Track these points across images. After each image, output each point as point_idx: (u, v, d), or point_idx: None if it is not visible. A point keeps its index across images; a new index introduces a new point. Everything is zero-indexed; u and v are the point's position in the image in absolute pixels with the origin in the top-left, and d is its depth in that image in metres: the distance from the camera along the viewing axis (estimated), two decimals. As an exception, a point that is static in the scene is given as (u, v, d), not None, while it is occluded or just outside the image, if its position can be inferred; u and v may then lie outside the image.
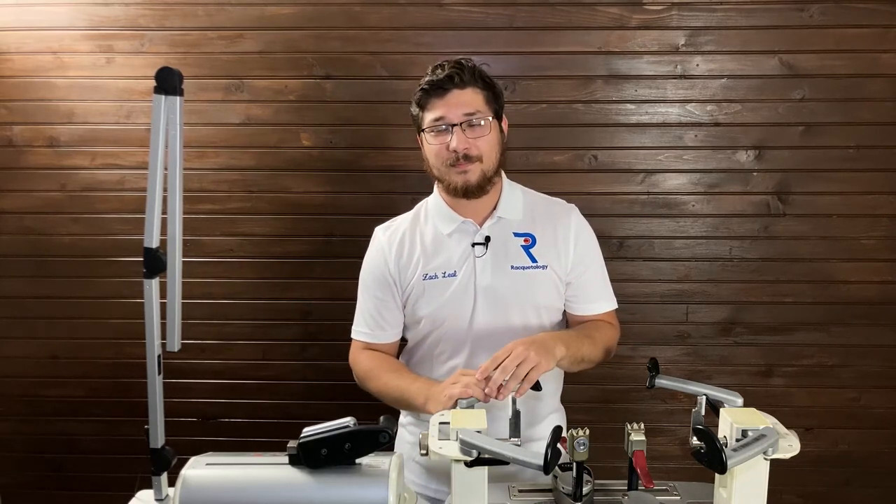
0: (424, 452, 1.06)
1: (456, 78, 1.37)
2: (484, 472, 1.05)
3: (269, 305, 2.26)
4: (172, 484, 1.00)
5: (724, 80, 2.09)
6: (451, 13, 2.08)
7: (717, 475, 1.07)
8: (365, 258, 1.53)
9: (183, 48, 2.12)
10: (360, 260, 1.54)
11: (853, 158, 2.12)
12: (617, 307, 1.54)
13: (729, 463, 0.95)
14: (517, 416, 1.13)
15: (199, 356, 2.27)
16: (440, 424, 1.09)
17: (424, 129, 1.41)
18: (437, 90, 1.38)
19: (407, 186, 2.13)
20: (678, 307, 2.22)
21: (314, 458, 0.98)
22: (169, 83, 1.03)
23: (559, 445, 0.97)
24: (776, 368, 2.24)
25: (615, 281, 1.55)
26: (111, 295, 2.25)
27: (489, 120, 1.39)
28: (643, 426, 1.12)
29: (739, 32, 2.07)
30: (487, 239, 1.44)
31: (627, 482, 1.17)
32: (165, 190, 1.06)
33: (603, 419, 2.02)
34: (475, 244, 1.44)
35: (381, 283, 1.49)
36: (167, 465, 1.11)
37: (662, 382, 1.23)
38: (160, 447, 1.10)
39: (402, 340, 1.56)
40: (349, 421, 0.99)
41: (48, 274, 2.26)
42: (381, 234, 1.53)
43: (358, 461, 1.00)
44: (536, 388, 1.24)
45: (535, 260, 1.44)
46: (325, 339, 2.25)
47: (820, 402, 2.26)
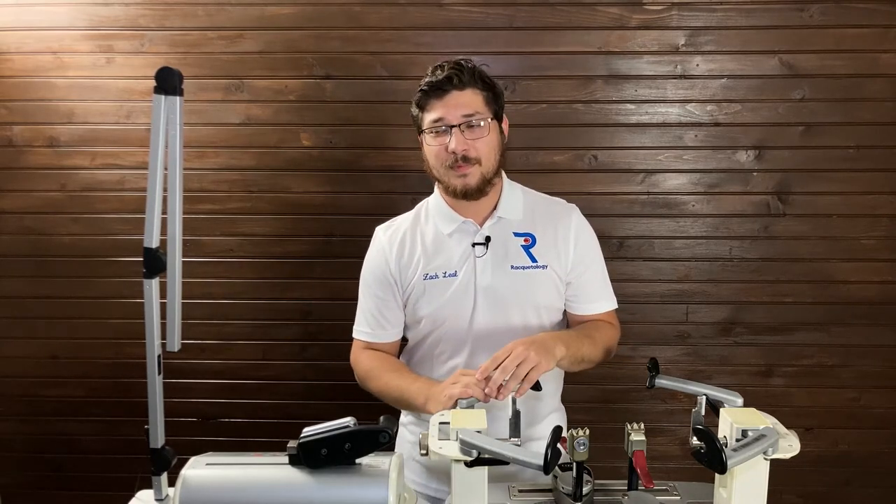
0: (424, 452, 1.06)
1: (455, 79, 1.37)
2: (484, 472, 1.05)
3: (269, 305, 2.26)
4: (172, 484, 1.00)
5: (724, 80, 2.10)
6: (451, 13, 2.08)
7: (717, 475, 1.07)
8: (366, 258, 1.53)
9: (183, 48, 2.12)
10: (360, 260, 1.54)
11: (853, 158, 2.12)
12: (617, 307, 1.54)
13: (729, 463, 0.95)
14: (517, 416, 1.14)
15: (199, 356, 2.27)
16: (440, 424, 1.09)
17: (424, 130, 1.41)
18: (436, 91, 1.38)
19: (407, 186, 2.14)
20: (678, 307, 2.22)
21: (314, 458, 0.98)
22: (169, 83, 1.03)
23: (559, 445, 0.98)
24: (776, 368, 2.24)
25: (615, 281, 1.55)
26: (111, 295, 2.25)
27: (488, 121, 1.39)
28: (643, 426, 1.12)
29: (739, 32, 2.07)
30: (488, 239, 1.44)
31: (627, 482, 1.17)
32: (165, 190, 1.06)
33: (603, 419, 2.02)
34: (475, 244, 1.44)
35: (381, 282, 1.49)
36: (167, 465, 1.11)
37: (662, 382, 1.23)
38: (160, 447, 1.10)
39: (402, 340, 1.56)
40: (349, 421, 0.99)
41: (48, 274, 2.26)
42: (381, 233, 1.53)
43: (358, 461, 1.00)
44: (536, 388, 1.24)
45: (535, 260, 1.44)
46: (325, 339, 2.25)
47: (820, 402, 2.26)
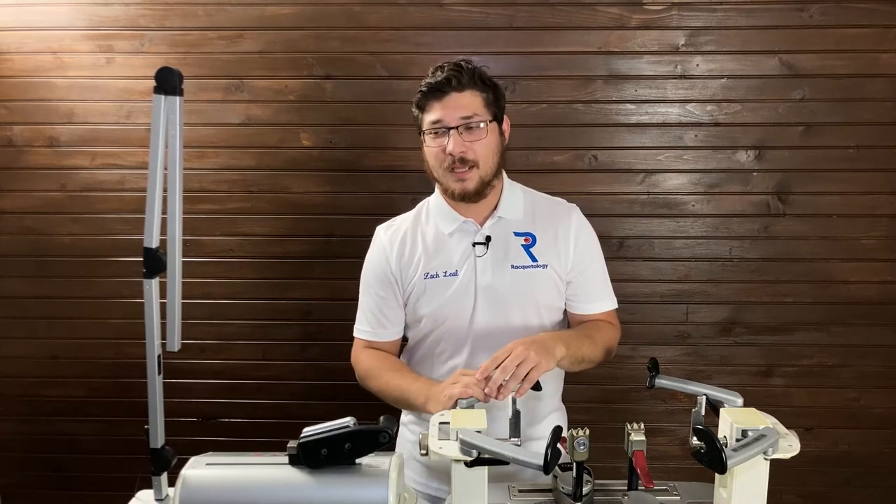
0: (424, 452, 1.06)
1: (454, 81, 1.37)
2: (484, 472, 1.05)
3: (269, 305, 2.26)
4: (172, 484, 1.01)
5: (724, 80, 2.09)
6: (451, 13, 2.08)
7: (717, 475, 1.07)
8: (367, 257, 1.53)
9: (183, 48, 2.12)
10: (360, 260, 1.54)
11: (853, 158, 2.12)
12: (617, 307, 1.54)
13: (729, 463, 0.95)
14: (517, 416, 1.14)
15: (199, 356, 2.27)
16: (440, 424, 1.09)
17: (423, 130, 1.41)
18: (435, 93, 1.38)
19: (407, 186, 2.13)
20: (678, 307, 2.22)
21: (314, 458, 0.98)
22: (169, 83, 1.03)
23: (559, 445, 0.97)
24: (776, 368, 2.24)
25: (615, 281, 1.55)
26: (111, 295, 2.25)
27: (487, 123, 1.39)
28: (643, 426, 1.12)
29: (739, 32, 2.07)
30: (488, 238, 1.44)
31: (627, 482, 1.17)
32: (165, 190, 1.06)
33: (603, 419, 2.02)
34: (476, 243, 1.44)
35: (382, 281, 1.49)
36: (167, 465, 1.11)
37: (662, 382, 1.23)
38: (160, 447, 1.10)
39: (403, 340, 1.56)
40: (349, 421, 0.99)
41: (48, 274, 2.26)
42: (382, 232, 1.53)
43: (358, 461, 1.00)
44: (536, 388, 1.24)
45: (535, 259, 1.44)
46: (325, 339, 2.25)
47: (820, 402, 2.26)
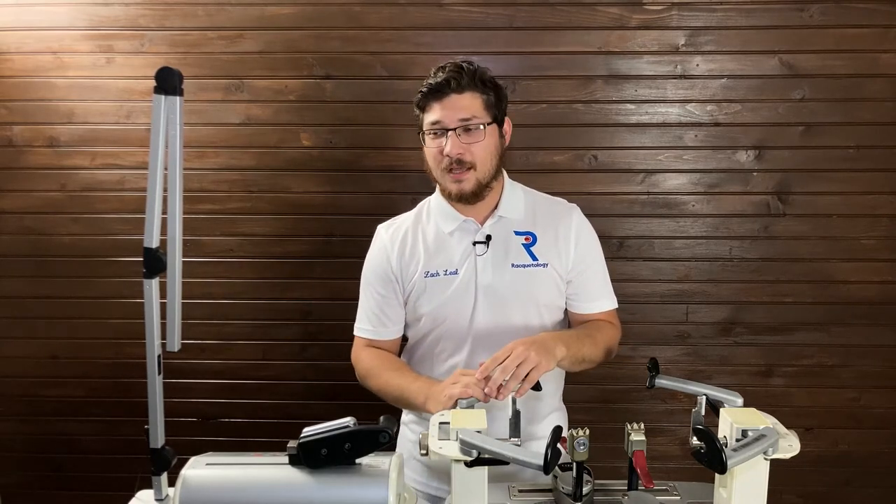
0: (424, 452, 1.06)
1: (453, 82, 1.37)
2: (484, 472, 1.04)
3: (269, 305, 2.26)
4: (172, 484, 1.00)
5: (724, 80, 2.09)
6: (451, 13, 2.08)
7: (717, 475, 1.07)
8: (367, 256, 1.53)
9: (183, 48, 2.12)
10: (360, 260, 1.54)
11: (853, 158, 2.12)
12: (618, 307, 1.54)
13: (729, 463, 0.95)
14: (517, 416, 1.14)
15: (199, 356, 2.27)
16: (440, 424, 1.09)
17: (423, 131, 1.42)
18: (435, 93, 1.38)
19: (407, 186, 2.13)
20: (678, 307, 2.22)
21: (314, 458, 0.98)
22: (169, 83, 1.03)
23: (559, 445, 0.97)
24: (776, 368, 2.24)
25: (615, 281, 1.54)
26: (111, 295, 2.25)
27: (485, 126, 1.39)
28: (643, 426, 1.12)
29: (739, 32, 2.07)
30: (488, 237, 1.44)
31: (627, 482, 1.17)
32: (165, 190, 1.06)
33: (603, 419, 2.02)
34: (476, 242, 1.44)
35: (383, 280, 1.49)
36: (167, 465, 1.11)
37: (662, 382, 1.23)
38: (160, 447, 1.10)
39: (403, 339, 1.56)
40: (349, 421, 0.99)
41: (48, 274, 2.26)
42: (383, 231, 1.53)
43: (358, 461, 1.00)
44: (537, 388, 1.24)
45: (535, 258, 1.44)
46: (325, 339, 2.25)
47: (820, 402, 2.26)
